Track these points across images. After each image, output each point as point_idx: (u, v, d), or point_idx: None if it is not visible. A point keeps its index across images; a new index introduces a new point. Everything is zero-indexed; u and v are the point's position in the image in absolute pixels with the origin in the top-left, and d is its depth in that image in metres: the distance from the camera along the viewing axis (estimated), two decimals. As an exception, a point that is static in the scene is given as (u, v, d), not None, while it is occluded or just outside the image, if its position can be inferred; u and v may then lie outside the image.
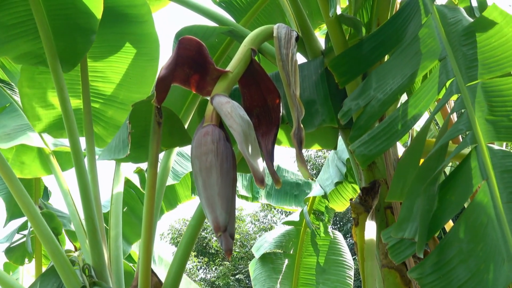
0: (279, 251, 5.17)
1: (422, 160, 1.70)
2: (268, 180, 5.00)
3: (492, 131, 1.51)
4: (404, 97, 2.66)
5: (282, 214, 20.00)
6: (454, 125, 1.59)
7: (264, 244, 5.29)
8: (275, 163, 4.00)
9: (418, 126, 2.74)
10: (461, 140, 2.65)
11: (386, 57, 2.41)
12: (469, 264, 1.34)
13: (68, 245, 4.68)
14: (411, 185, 1.59)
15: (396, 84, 1.91)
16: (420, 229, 1.43)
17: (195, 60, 2.00)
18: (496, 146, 1.48)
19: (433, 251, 1.43)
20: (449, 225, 3.44)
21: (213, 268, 18.92)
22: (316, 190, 4.82)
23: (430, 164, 1.57)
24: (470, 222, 1.39)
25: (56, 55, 3.06)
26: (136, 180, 4.86)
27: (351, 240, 14.43)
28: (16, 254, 4.66)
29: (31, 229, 4.40)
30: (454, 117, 3.47)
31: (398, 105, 2.35)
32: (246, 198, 5.25)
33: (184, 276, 5.68)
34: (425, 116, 2.40)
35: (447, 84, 1.72)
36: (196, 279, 19.09)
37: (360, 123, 1.99)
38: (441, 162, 1.56)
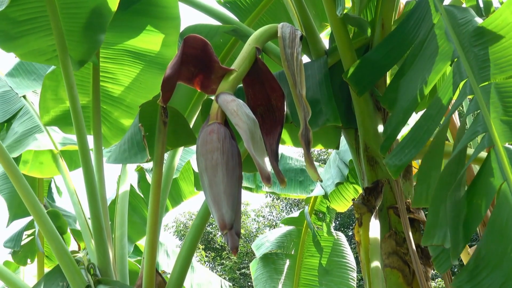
0: (281, 251, 5.16)
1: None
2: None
3: (508, 132, 1.51)
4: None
5: (283, 212, 19.96)
6: (470, 127, 1.59)
7: (265, 243, 5.28)
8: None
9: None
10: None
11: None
12: (503, 267, 1.33)
13: (73, 245, 4.68)
14: (435, 191, 1.59)
15: (416, 90, 1.92)
16: (452, 236, 1.42)
17: (200, 58, 2.00)
18: None
19: (470, 258, 1.43)
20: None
21: (219, 264, 18.87)
22: (317, 190, 4.82)
23: (451, 169, 1.56)
24: (497, 224, 1.40)
25: (67, 53, 3.04)
26: (136, 179, 4.86)
27: (351, 233, 14.34)
28: (20, 255, 4.66)
29: (38, 229, 4.41)
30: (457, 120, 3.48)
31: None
32: (250, 189, 5.09)
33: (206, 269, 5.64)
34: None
35: (461, 85, 1.72)
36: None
37: (387, 132, 1.99)
38: (461, 166, 1.56)
